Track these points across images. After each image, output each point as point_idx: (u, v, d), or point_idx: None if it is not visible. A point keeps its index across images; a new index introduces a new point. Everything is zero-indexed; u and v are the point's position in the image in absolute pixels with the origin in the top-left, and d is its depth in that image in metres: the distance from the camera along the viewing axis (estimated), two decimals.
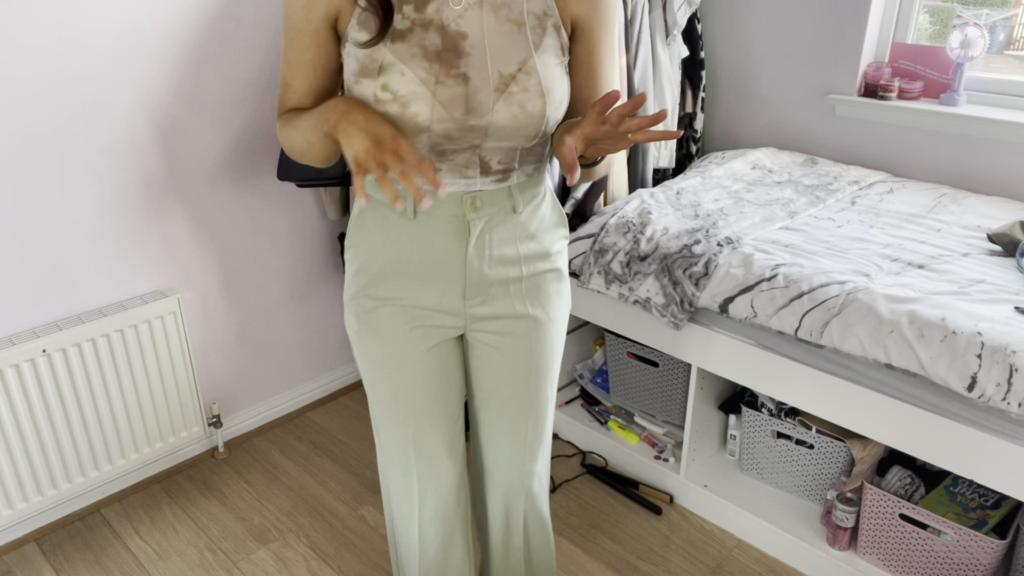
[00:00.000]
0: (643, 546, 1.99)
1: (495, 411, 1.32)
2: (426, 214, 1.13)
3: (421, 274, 1.17)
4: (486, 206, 1.14)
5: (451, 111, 1.03)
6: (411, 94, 1.01)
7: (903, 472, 1.83)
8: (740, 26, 2.56)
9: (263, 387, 2.45)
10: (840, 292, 1.60)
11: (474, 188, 1.12)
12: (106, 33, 1.80)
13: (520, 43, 1.05)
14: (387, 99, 1.02)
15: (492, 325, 1.24)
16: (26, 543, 2.00)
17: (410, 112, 1.02)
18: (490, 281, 1.19)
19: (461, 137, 1.06)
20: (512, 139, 1.08)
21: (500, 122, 1.05)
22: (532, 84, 1.05)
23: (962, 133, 2.19)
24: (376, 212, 1.17)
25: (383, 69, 1.01)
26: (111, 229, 1.95)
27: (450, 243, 1.15)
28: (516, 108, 1.05)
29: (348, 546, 1.99)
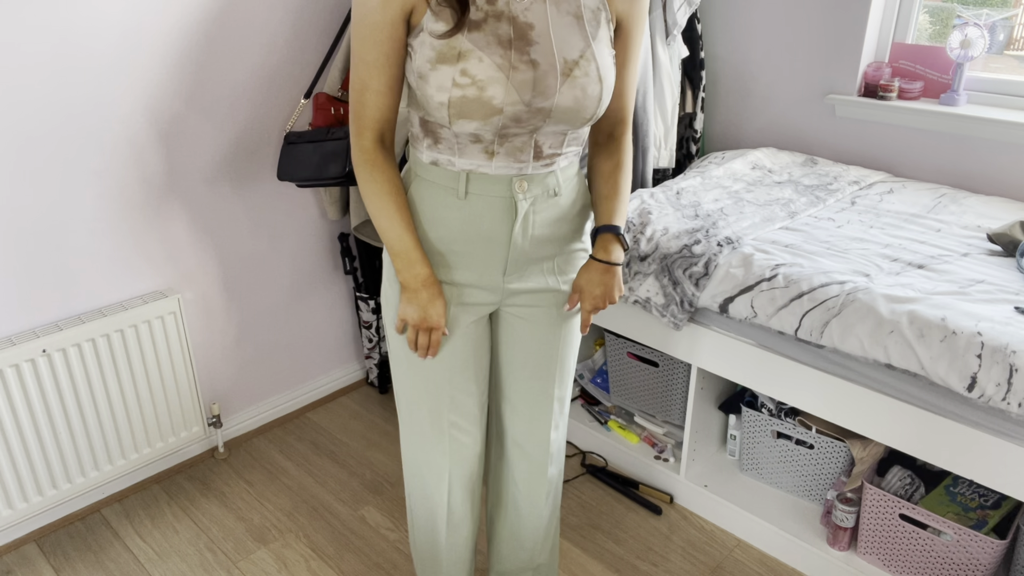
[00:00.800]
0: (643, 546, 1.99)
1: (524, 382, 1.42)
2: (476, 195, 1.22)
3: (467, 251, 1.26)
4: (532, 188, 1.23)
5: (522, 94, 1.12)
6: (488, 78, 1.10)
7: (903, 472, 1.83)
8: (740, 26, 2.56)
9: (263, 387, 2.45)
10: (840, 292, 1.60)
11: (525, 172, 1.22)
12: (106, 33, 1.80)
13: (579, 33, 1.15)
14: (466, 83, 1.10)
15: (524, 299, 1.35)
16: (26, 543, 2.00)
17: (487, 95, 1.10)
18: (529, 258, 1.30)
19: (527, 119, 1.15)
20: (571, 121, 1.18)
21: (564, 104, 1.15)
22: (592, 70, 1.15)
23: (962, 133, 2.19)
24: (428, 190, 1.25)
25: (462, 56, 1.10)
26: (111, 229, 1.95)
27: (498, 222, 1.24)
28: (579, 91, 1.15)
29: (348, 546, 1.99)
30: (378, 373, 2.62)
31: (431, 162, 1.23)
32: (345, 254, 2.46)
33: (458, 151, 1.20)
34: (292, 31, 2.14)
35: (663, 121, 2.42)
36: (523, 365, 1.41)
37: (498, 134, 1.16)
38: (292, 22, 2.14)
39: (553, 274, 1.34)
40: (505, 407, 1.47)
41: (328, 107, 2.09)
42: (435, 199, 1.24)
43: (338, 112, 2.10)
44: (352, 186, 2.23)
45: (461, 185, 1.22)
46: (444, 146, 1.20)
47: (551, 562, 1.68)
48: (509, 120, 1.14)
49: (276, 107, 2.18)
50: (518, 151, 1.20)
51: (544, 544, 1.63)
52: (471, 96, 1.10)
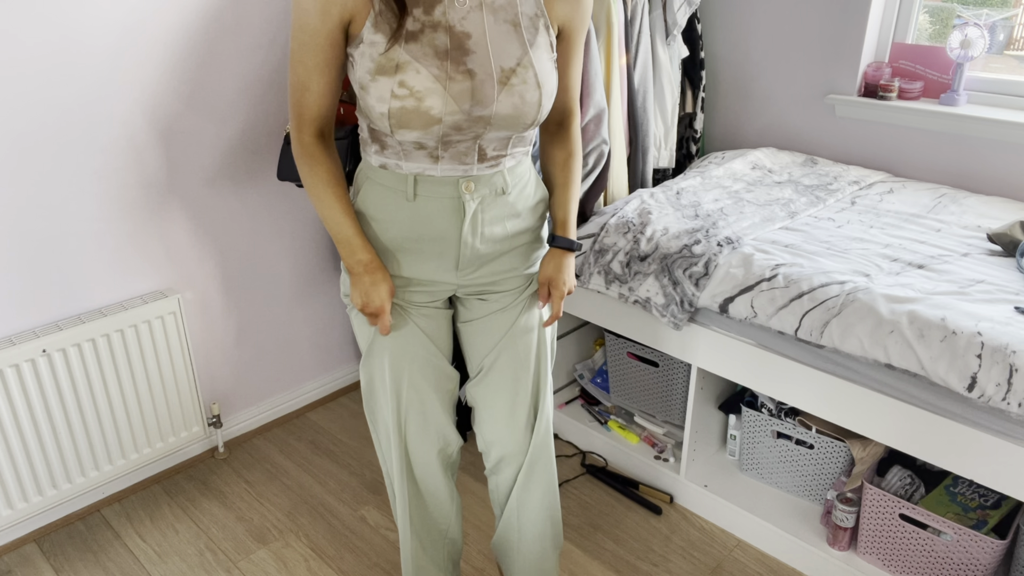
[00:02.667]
0: (643, 546, 1.99)
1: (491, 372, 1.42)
2: (425, 196, 1.26)
3: (419, 250, 1.30)
4: (479, 188, 1.26)
5: (460, 104, 1.14)
6: (426, 90, 1.12)
7: (903, 472, 1.83)
8: (740, 26, 2.56)
9: (263, 387, 2.45)
10: (840, 292, 1.60)
11: (471, 173, 1.25)
12: (106, 33, 1.80)
13: (517, 41, 1.17)
14: (404, 94, 1.13)
15: (480, 288, 1.38)
16: (26, 543, 2.00)
17: (425, 106, 1.13)
18: (481, 254, 1.32)
19: (468, 128, 1.18)
20: (512, 127, 1.21)
21: (503, 111, 1.17)
22: (530, 77, 1.18)
23: (962, 133, 2.19)
24: (378, 193, 1.28)
25: (399, 68, 1.12)
26: (111, 229, 1.95)
27: (447, 221, 1.27)
28: (517, 98, 1.17)
29: (348, 546, 1.99)
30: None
31: (380, 165, 1.27)
32: None
33: (404, 156, 1.23)
34: None
35: (663, 121, 2.42)
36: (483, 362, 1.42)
37: (440, 141, 1.19)
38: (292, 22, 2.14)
39: (506, 265, 1.37)
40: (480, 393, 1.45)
41: None
42: (386, 201, 1.27)
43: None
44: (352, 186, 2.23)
45: (409, 187, 1.25)
46: (391, 151, 1.24)
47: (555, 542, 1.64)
48: (449, 129, 1.16)
49: (276, 107, 2.18)
50: (462, 155, 1.23)
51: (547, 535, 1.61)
52: (410, 107, 1.13)
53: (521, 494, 1.51)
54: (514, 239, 1.35)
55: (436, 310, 1.38)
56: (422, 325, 1.36)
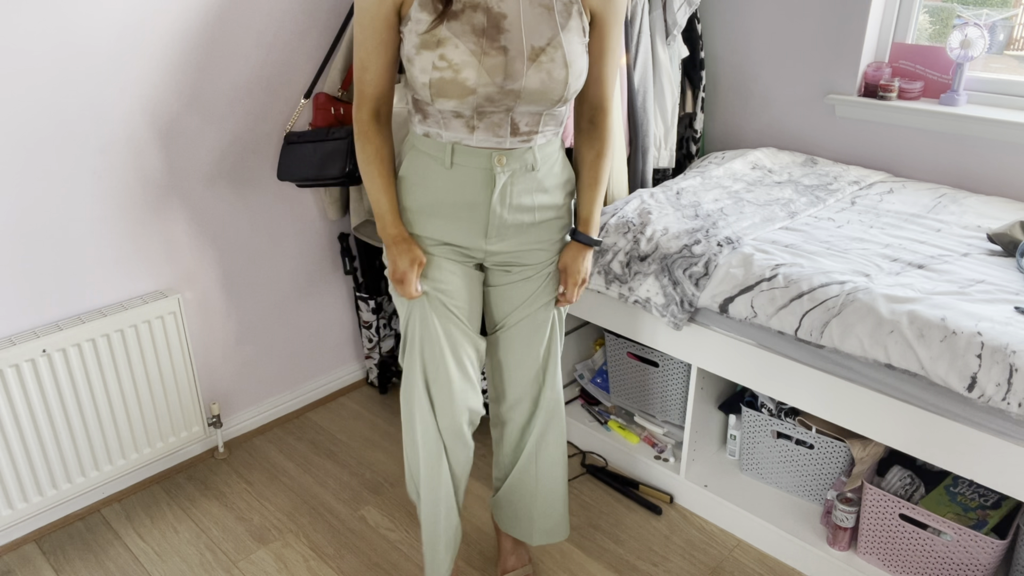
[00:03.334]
0: (643, 546, 1.99)
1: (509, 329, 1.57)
2: (461, 166, 1.38)
3: (452, 215, 1.42)
4: (510, 163, 1.38)
5: (493, 77, 1.27)
6: (462, 63, 1.25)
7: (903, 472, 1.83)
8: (740, 26, 2.56)
9: (263, 387, 2.45)
10: (840, 292, 1.60)
11: (503, 146, 1.37)
12: (106, 33, 1.80)
13: (549, 23, 1.29)
14: (443, 66, 1.26)
15: (506, 258, 1.50)
16: (26, 543, 2.00)
17: (461, 77, 1.26)
18: (508, 224, 1.44)
19: (500, 99, 1.30)
20: (540, 102, 1.32)
21: (531, 86, 1.29)
22: (558, 56, 1.29)
23: (962, 133, 2.19)
24: (420, 161, 1.42)
25: (441, 43, 1.25)
26: (111, 229, 1.95)
27: (479, 191, 1.40)
28: (544, 75, 1.29)
29: (348, 546, 1.99)
30: (378, 373, 2.62)
31: (423, 134, 1.40)
32: (345, 254, 2.46)
33: (443, 125, 1.36)
34: (292, 31, 2.14)
35: (663, 121, 2.42)
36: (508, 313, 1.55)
37: (476, 111, 1.32)
38: (292, 22, 2.14)
39: (533, 236, 1.48)
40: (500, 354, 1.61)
41: (328, 107, 2.09)
42: (427, 167, 1.41)
43: (338, 112, 2.10)
44: (352, 186, 2.23)
45: (447, 156, 1.37)
46: (432, 121, 1.37)
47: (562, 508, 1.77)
48: (483, 99, 1.29)
49: (276, 107, 2.18)
50: (496, 127, 1.34)
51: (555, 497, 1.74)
52: (448, 78, 1.26)
53: (540, 441, 1.66)
54: (540, 212, 1.46)
55: (468, 268, 1.50)
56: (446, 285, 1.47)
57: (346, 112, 2.11)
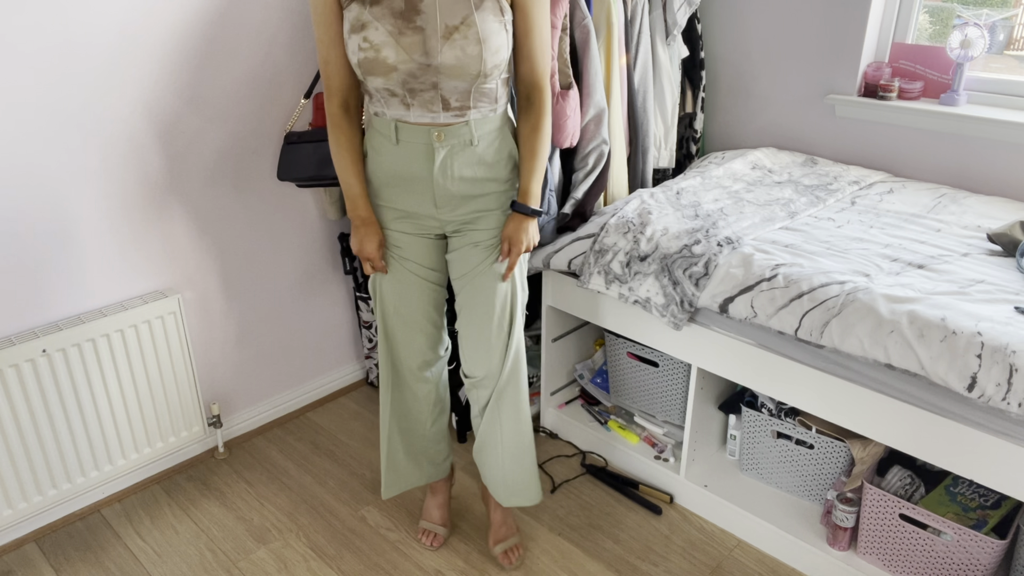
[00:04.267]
0: (643, 546, 1.99)
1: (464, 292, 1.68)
2: (406, 142, 1.52)
3: (404, 185, 1.58)
4: (448, 138, 1.51)
5: (411, 54, 1.40)
6: (382, 43, 1.39)
7: (903, 472, 1.83)
8: (740, 26, 2.56)
9: (263, 387, 2.45)
10: (840, 292, 1.60)
11: (438, 121, 1.49)
12: (106, 33, 1.80)
13: (464, 3, 1.40)
14: (366, 47, 1.40)
15: (458, 225, 1.63)
16: (26, 543, 2.00)
17: (382, 56, 1.40)
18: (454, 194, 1.57)
19: (422, 76, 1.42)
20: (461, 78, 1.43)
21: (447, 62, 1.41)
22: (471, 34, 1.40)
23: (962, 133, 2.19)
24: (375, 138, 1.56)
25: (364, 26, 1.40)
26: (111, 229, 1.95)
27: (421, 165, 1.54)
28: (459, 51, 1.40)
29: (348, 546, 1.99)
30: (378, 373, 2.62)
31: (374, 113, 1.54)
32: (345, 254, 2.46)
33: (385, 104, 1.49)
34: (292, 31, 2.14)
35: (663, 121, 2.42)
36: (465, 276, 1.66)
37: (405, 89, 1.44)
38: (292, 22, 2.14)
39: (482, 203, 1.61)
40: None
41: None
42: (380, 144, 1.56)
43: None
44: None
45: (393, 132, 1.52)
46: (376, 101, 1.51)
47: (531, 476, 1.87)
48: (406, 75, 1.42)
49: (276, 107, 2.18)
50: (429, 103, 1.47)
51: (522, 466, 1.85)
52: (371, 57, 1.41)
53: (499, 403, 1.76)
54: (483, 184, 1.58)
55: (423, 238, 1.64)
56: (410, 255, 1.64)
57: None
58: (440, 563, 1.93)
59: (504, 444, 1.80)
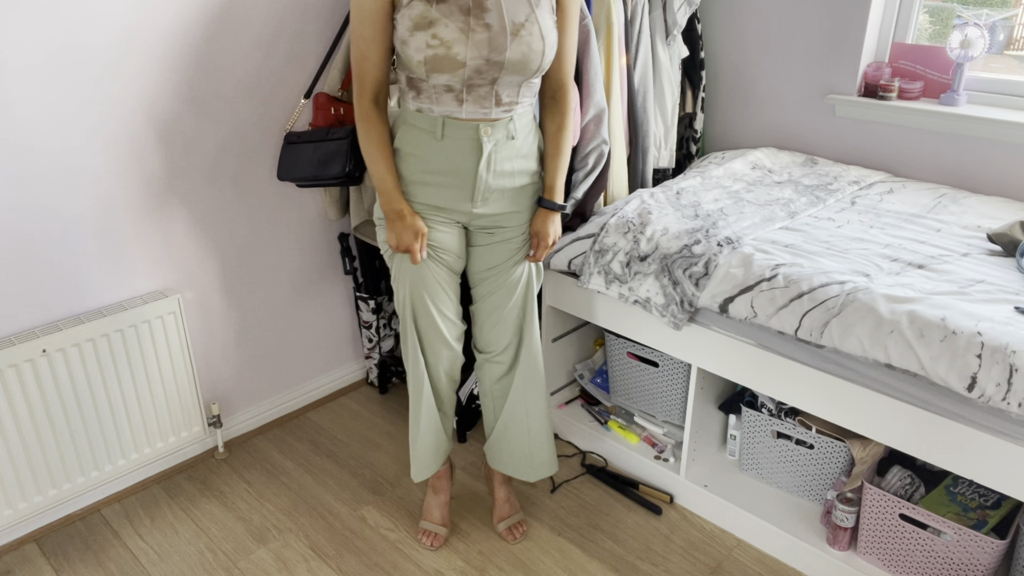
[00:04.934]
0: (643, 546, 1.99)
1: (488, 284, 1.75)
2: (451, 137, 1.56)
3: (443, 182, 1.60)
4: (495, 133, 1.57)
5: (480, 50, 1.44)
6: (453, 40, 1.43)
7: (903, 472, 1.83)
8: (740, 26, 2.56)
9: (263, 387, 2.45)
10: (840, 292, 1.60)
11: (489, 117, 1.54)
12: (106, 32, 1.80)
13: (525, 2, 1.47)
14: (436, 44, 1.43)
15: (488, 221, 1.68)
16: (26, 543, 2.00)
17: (452, 52, 1.43)
18: (492, 189, 1.62)
19: (486, 72, 1.47)
20: (521, 73, 1.49)
21: (514, 57, 1.47)
22: (535, 30, 1.47)
23: (962, 133, 2.19)
24: (413, 134, 1.58)
25: (432, 23, 1.42)
26: (111, 229, 1.95)
27: (467, 159, 1.58)
28: (525, 47, 1.47)
29: (348, 546, 1.99)
30: (378, 373, 2.62)
31: (416, 110, 1.56)
32: (345, 254, 2.46)
33: (435, 100, 1.52)
34: (292, 31, 2.14)
35: (663, 121, 2.42)
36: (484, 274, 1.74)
37: (465, 84, 1.48)
38: (292, 22, 2.14)
39: (512, 200, 1.67)
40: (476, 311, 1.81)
41: (328, 107, 2.09)
42: (419, 140, 1.57)
43: (338, 112, 2.10)
44: (352, 186, 2.23)
45: (439, 129, 1.55)
46: (424, 96, 1.53)
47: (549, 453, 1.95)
48: (472, 72, 1.46)
49: (276, 107, 2.18)
50: (482, 99, 1.52)
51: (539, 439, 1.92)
52: (441, 54, 1.43)
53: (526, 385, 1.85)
54: (519, 177, 1.65)
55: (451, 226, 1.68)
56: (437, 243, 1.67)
57: (346, 112, 2.11)
58: (440, 563, 1.93)
59: (531, 419, 1.88)
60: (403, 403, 2.61)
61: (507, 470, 1.96)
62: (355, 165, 1.99)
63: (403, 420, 2.52)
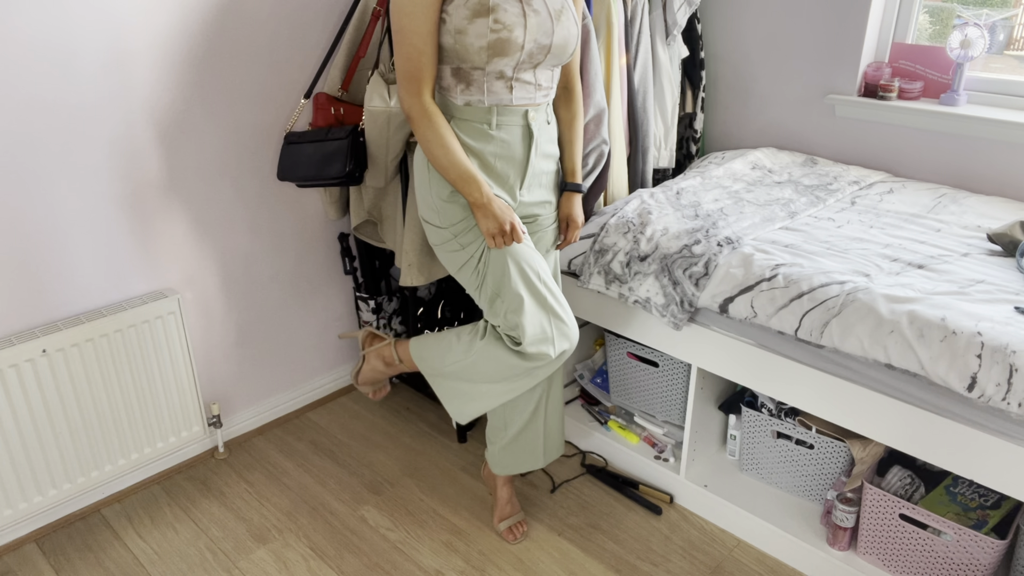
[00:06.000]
0: (643, 546, 1.99)
1: None
2: (504, 125, 1.59)
3: (498, 169, 1.62)
4: (538, 117, 1.63)
5: (534, 34, 1.50)
6: (514, 23, 1.48)
7: (903, 472, 1.83)
8: (740, 26, 2.56)
9: (263, 387, 2.45)
10: (840, 292, 1.60)
11: (535, 101, 1.60)
12: (106, 32, 1.80)
13: None
14: (498, 28, 1.46)
15: (526, 210, 1.71)
16: (26, 543, 2.00)
17: (514, 36, 1.48)
18: (537, 172, 1.68)
19: (536, 54, 1.53)
20: (561, 56, 1.57)
21: (559, 41, 1.54)
22: (570, 16, 1.56)
23: (962, 133, 2.19)
24: (464, 128, 1.58)
25: (492, 9, 1.46)
26: (111, 229, 1.95)
27: (519, 145, 1.62)
28: (565, 31, 1.55)
29: (348, 546, 1.99)
30: None
31: (464, 104, 1.56)
32: (345, 254, 2.46)
33: (485, 91, 1.54)
34: (292, 31, 2.14)
35: (663, 121, 2.42)
36: None
37: (518, 70, 1.54)
38: (292, 22, 2.14)
39: (546, 188, 1.73)
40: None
41: (328, 107, 2.09)
42: (471, 133, 1.58)
43: (338, 112, 2.10)
44: (352, 186, 2.23)
45: (493, 118, 1.57)
46: (475, 87, 1.54)
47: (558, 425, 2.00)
48: (526, 56, 1.51)
49: (276, 107, 2.18)
50: (527, 84, 1.57)
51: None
52: (505, 38, 1.47)
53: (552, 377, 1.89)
54: (552, 161, 1.71)
55: None
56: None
57: (346, 112, 2.11)
58: (440, 563, 1.93)
59: (551, 404, 1.93)
60: (403, 403, 2.61)
61: (520, 469, 1.98)
62: (355, 165, 1.99)
63: (403, 420, 2.52)
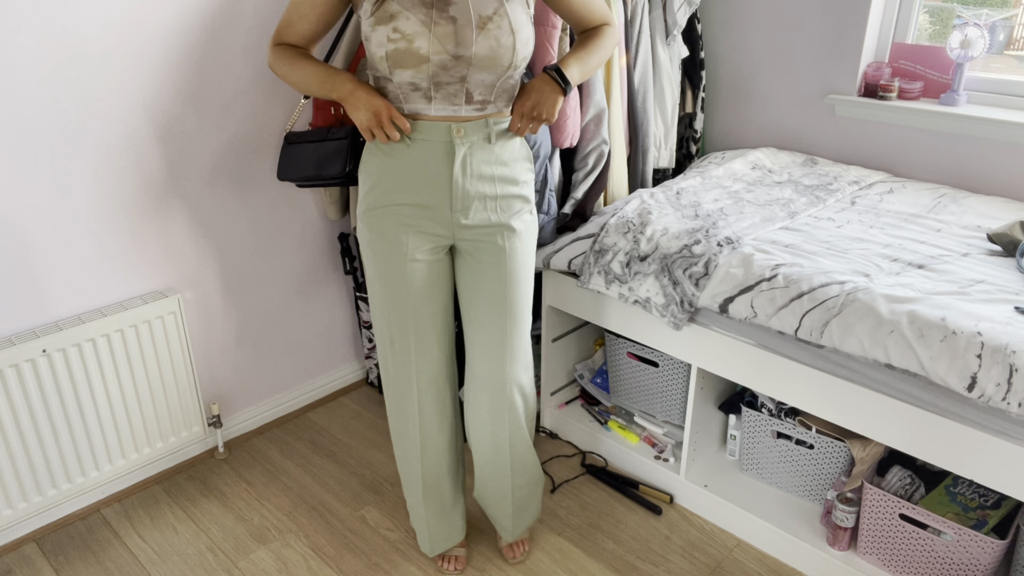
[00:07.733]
0: (643, 546, 1.99)
1: (478, 318, 1.63)
2: (421, 141, 1.47)
3: (419, 189, 1.50)
4: (468, 135, 1.47)
5: (444, 44, 1.37)
6: (415, 33, 1.36)
7: (903, 472, 1.83)
8: (740, 26, 2.56)
9: (263, 387, 2.45)
10: (840, 292, 1.60)
11: (460, 114, 1.46)
12: (105, 32, 1.80)
13: None
14: (397, 38, 1.36)
15: (473, 234, 1.56)
16: (26, 543, 2.00)
17: (415, 47, 1.37)
18: (471, 195, 1.51)
19: (453, 67, 1.40)
20: (492, 69, 1.41)
21: (481, 52, 1.39)
22: (504, 24, 1.40)
23: (962, 133, 2.19)
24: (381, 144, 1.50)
25: (393, 17, 1.36)
26: (111, 229, 1.95)
27: (440, 163, 1.48)
28: (493, 41, 1.39)
29: (348, 546, 1.99)
30: (378, 373, 2.62)
31: None
32: (345, 254, 2.46)
33: (403, 100, 1.45)
34: None
35: (663, 121, 2.42)
36: (476, 300, 1.62)
37: (432, 82, 1.41)
38: None
39: (496, 212, 1.55)
40: (468, 339, 1.69)
41: (328, 107, 2.09)
42: (390, 148, 1.49)
43: (338, 112, 2.10)
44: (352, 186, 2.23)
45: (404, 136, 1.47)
46: (392, 98, 1.46)
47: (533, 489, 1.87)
48: (437, 68, 1.39)
49: (276, 107, 2.18)
50: (452, 96, 1.44)
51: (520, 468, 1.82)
52: (402, 48, 1.37)
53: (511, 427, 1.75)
54: (500, 185, 1.54)
55: (439, 257, 1.59)
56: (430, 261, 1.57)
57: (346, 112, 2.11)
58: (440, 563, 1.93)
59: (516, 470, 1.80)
60: None
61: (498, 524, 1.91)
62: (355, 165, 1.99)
63: None
